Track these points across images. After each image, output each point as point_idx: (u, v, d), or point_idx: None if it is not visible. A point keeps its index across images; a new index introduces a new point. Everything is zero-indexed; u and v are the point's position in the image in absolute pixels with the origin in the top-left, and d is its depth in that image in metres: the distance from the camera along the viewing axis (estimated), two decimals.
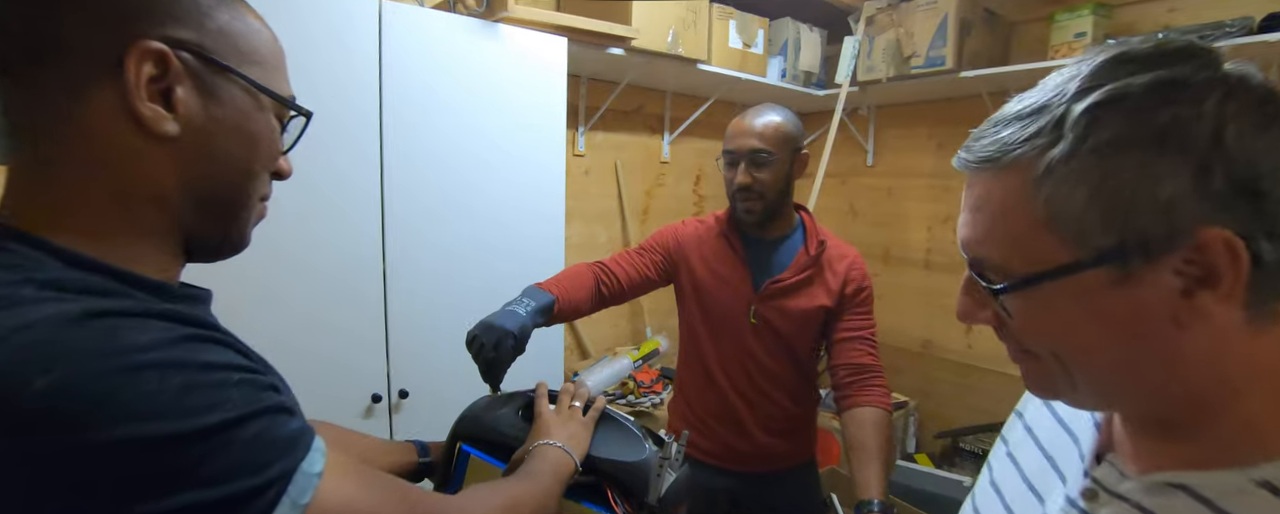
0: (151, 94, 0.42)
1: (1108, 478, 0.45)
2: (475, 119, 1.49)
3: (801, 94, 2.55)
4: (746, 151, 1.19)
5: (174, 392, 0.35)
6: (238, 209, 0.50)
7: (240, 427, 0.37)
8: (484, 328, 0.94)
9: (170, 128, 0.42)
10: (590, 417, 0.81)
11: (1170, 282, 0.36)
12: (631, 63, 2.00)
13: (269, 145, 0.50)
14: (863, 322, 1.26)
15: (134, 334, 0.36)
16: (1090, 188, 0.36)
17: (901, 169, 2.75)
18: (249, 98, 0.47)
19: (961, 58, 2.11)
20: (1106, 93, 0.35)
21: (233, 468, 0.36)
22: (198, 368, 0.37)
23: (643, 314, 2.59)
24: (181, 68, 0.42)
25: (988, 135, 0.41)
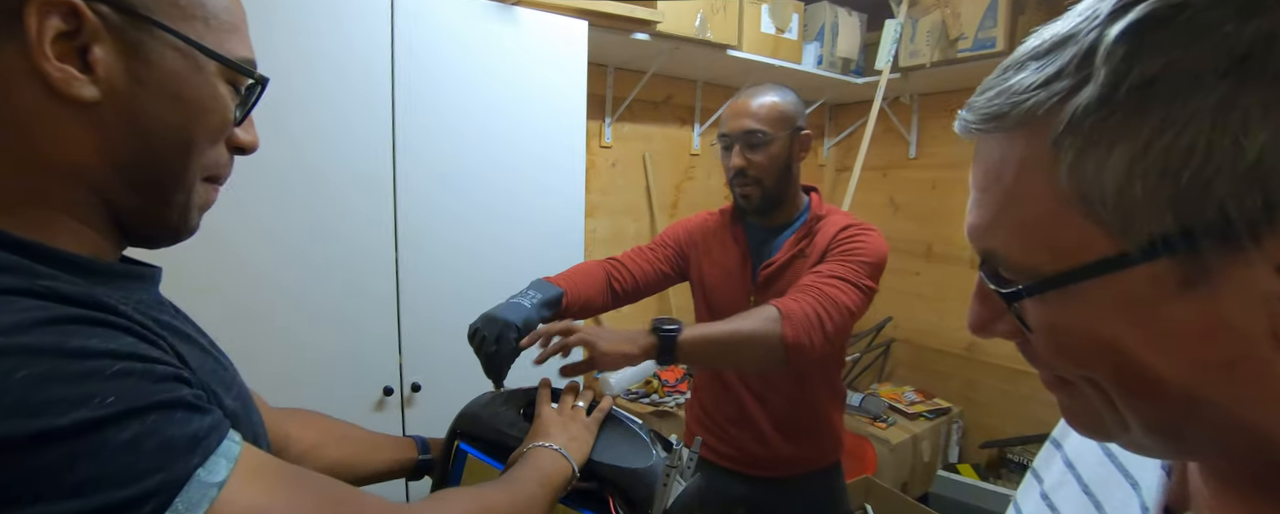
0: (63, 52, 0.36)
1: None
2: (491, 106, 1.45)
3: (839, 82, 2.44)
4: (740, 133, 1.12)
5: (21, 384, 0.29)
6: (173, 188, 0.43)
7: (112, 426, 0.31)
8: (486, 320, 0.89)
9: (85, 91, 0.37)
10: (594, 418, 0.76)
11: (1269, 280, 0.23)
12: (658, 49, 1.93)
13: (213, 115, 0.43)
14: (830, 266, 1.04)
15: None
16: (1134, 147, 0.24)
17: (947, 160, 2.60)
18: (185, 59, 0.41)
19: (1014, 39, 1.96)
20: (1156, 3, 0.24)
21: (97, 477, 0.30)
22: (64, 355, 0.31)
23: (670, 310, 2.52)
24: (98, 22, 0.37)
25: (994, 85, 0.30)
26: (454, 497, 0.52)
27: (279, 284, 1.22)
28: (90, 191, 0.40)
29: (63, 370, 0.31)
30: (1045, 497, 0.48)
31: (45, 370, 0.30)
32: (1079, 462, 0.47)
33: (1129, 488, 0.41)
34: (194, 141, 0.43)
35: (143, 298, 0.43)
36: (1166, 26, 0.24)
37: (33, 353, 0.30)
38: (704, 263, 1.25)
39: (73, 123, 0.37)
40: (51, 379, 0.30)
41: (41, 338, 0.31)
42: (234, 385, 0.45)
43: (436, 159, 1.38)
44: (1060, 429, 0.51)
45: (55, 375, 0.30)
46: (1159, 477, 0.38)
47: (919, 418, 2.29)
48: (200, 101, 0.42)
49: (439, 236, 1.41)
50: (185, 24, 0.40)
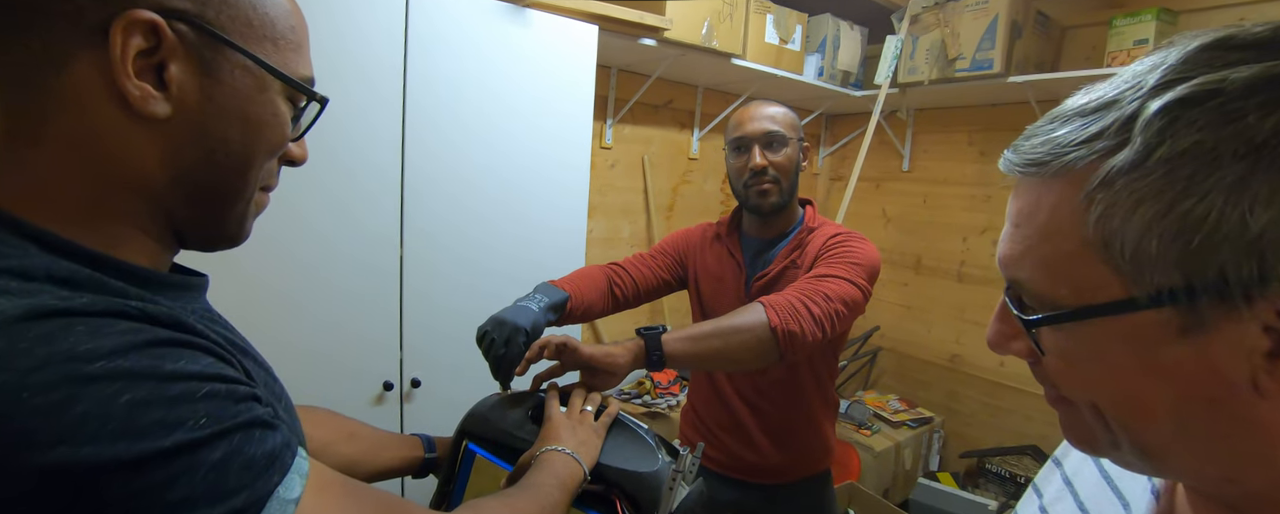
0: (141, 69, 0.37)
1: None
2: (500, 105, 1.46)
3: (838, 94, 2.47)
4: (760, 134, 1.14)
5: (126, 408, 0.30)
6: (232, 200, 0.45)
7: (206, 448, 0.32)
8: (495, 324, 0.90)
9: (159, 108, 0.38)
10: (602, 422, 0.77)
11: (1254, 337, 0.27)
12: (664, 54, 1.95)
13: (274, 131, 0.44)
14: (821, 268, 1.06)
15: (87, 338, 0.31)
16: (1156, 208, 0.27)
17: (939, 176, 2.65)
18: (254, 78, 0.42)
19: (1010, 62, 2.01)
20: (1193, 87, 0.27)
21: (194, 497, 0.31)
22: (159, 379, 0.32)
23: (663, 312, 2.54)
24: (176, 41, 0.38)
25: (1040, 133, 0.33)
26: (489, 506, 0.54)
27: (282, 277, 1.23)
28: (153, 203, 0.41)
29: (160, 394, 0.32)
30: (1043, 510, 0.51)
31: (145, 395, 0.31)
32: (1077, 480, 0.50)
33: (1120, 507, 0.44)
34: (254, 157, 0.44)
35: (197, 309, 0.44)
36: (1200, 107, 0.27)
37: (133, 377, 0.31)
38: (700, 273, 1.27)
39: (143, 137, 0.38)
40: (151, 403, 0.31)
41: (139, 362, 0.32)
42: (283, 397, 0.46)
43: (444, 156, 1.39)
44: (1062, 449, 0.54)
45: (154, 399, 0.31)
46: (1147, 498, 0.41)
47: (902, 426, 2.34)
48: (263, 119, 0.43)
49: (443, 233, 1.42)
50: (256, 44, 0.42)
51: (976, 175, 2.52)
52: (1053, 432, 2.27)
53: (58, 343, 0.30)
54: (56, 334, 0.30)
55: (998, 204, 2.46)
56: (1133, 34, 1.84)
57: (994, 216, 2.47)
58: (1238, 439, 0.30)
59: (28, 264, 0.34)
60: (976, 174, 2.52)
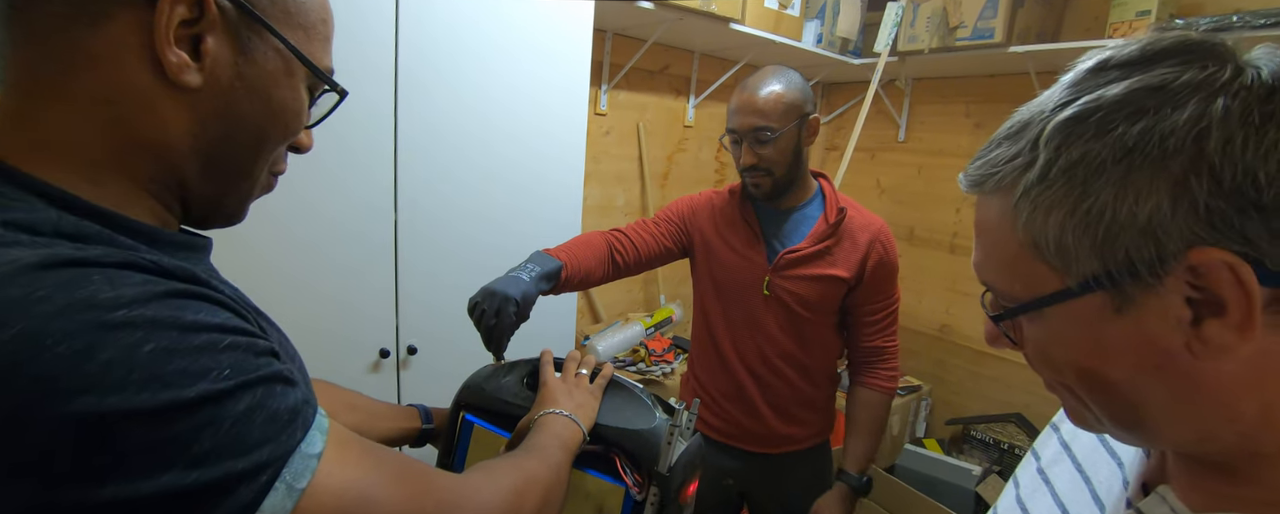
0: (180, 38, 0.37)
1: (1154, 511, 0.40)
2: (495, 72, 1.42)
3: (837, 62, 2.44)
4: (749, 130, 1.13)
5: (150, 357, 0.29)
6: (241, 179, 0.45)
7: (230, 399, 0.32)
8: (485, 294, 0.90)
9: (192, 79, 0.38)
10: (598, 384, 0.78)
11: (1178, 308, 0.31)
12: (661, 18, 1.91)
13: (293, 117, 0.45)
14: (885, 303, 1.23)
15: (107, 287, 0.30)
16: (1065, 211, 0.33)
17: (934, 147, 2.64)
18: (284, 62, 0.43)
19: (1012, 31, 1.99)
20: (1079, 107, 0.33)
21: (218, 449, 0.30)
22: (181, 329, 0.31)
23: (657, 281, 2.54)
24: (218, 16, 0.38)
25: (983, 156, 0.38)
26: (499, 467, 0.54)
27: (277, 246, 1.21)
28: (168, 169, 0.41)
29: (184, 344, 0.31)
30: (1041, 472, 0.54)
31: (169, 344, 0.30)
32: (1074, 442, 0.53)
33: (1115, 465, 0.47)
34: (270, 139, 0.45)
35: (204, 269, 0.44)
36: (1084, 122, 0.32)
37: (155, 326, 0.30)
38: (711, 241, 1.26)
39: (170, 103, 0.38)
40: (175, 352, 0.30)
41: (161, 311, 0.31)
42: (297, 358, 0.46)
43: (438, 121, 1.36)
44: (1060, 415, 0.57)
45: (178, 349, 0.31)
46: (1139, 456, 0.45)
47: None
48: (285, 103, 0.44)
49: (439, 200, 1.40)
50: (290, 30, 0.43)
51: (972, 147, 2.51)
52: (1035, 400, 2.33)
53: (77, 290, 0.29)
54: (75, 282, 0.30)
55: None
56: (1135, 5, 1.82)
57: None
58: (1193, 401, 0.34)
59: (35, 218, 0.33)
60: (972, 146, 2.51)
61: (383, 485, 0.38)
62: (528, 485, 0.53)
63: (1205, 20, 1.63)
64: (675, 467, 0.69)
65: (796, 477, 1.31)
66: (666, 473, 0.69)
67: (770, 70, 1.16)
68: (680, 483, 0.70)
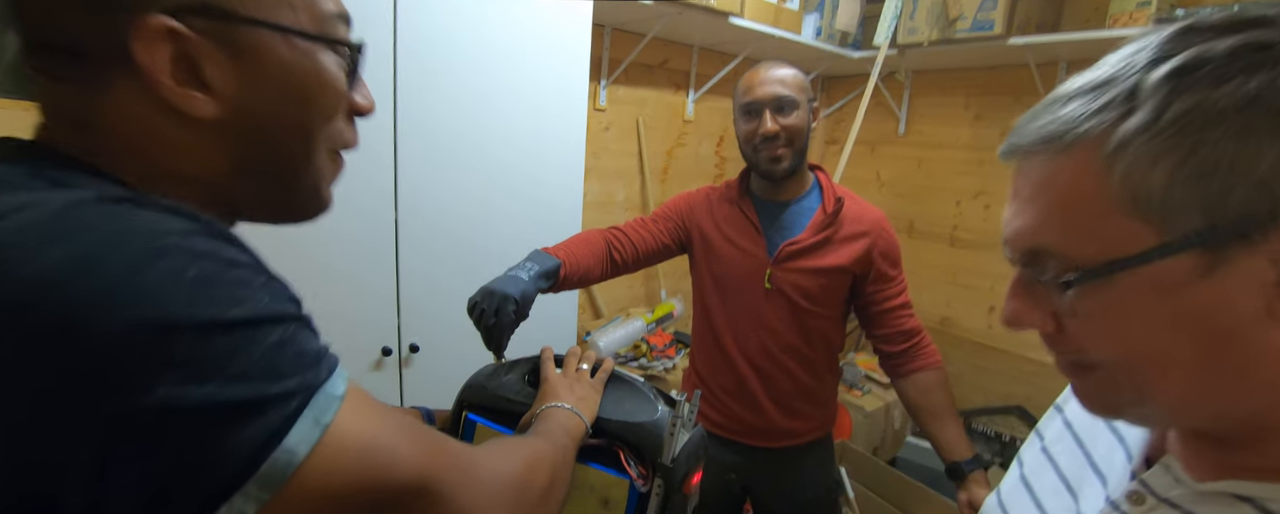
0: (178, 74, 0.37)
1: (1159, 482, 0.42)
2: (494, 68, 1.42)
3: (836, 55, 2.43)
4: (771, 98, 1.14)
5: (195, 279, 0.31)
6: (298, 171, 0.45)
7: (265, 327, 0.33)
8: (484, 294, 0.90)
9: (206, 108, 0.38)
10: (599, 379, 0.78)
11: (1264, 270, 0.31)
12: (660, 12, 1.90)
13: (324, 92, 0.44)
14: (898, 287, 1.23)
15: (153, 221, 0.32)
16: (1175, 162, 0.31)
17: (934, 140, 2.64)
18: (286, 46, 0.40)
19: (1012, 22, 1.98)
20: (1185, 59, 0.32)
21: (252, 370, 0.32)
22: (222, 262, 0.33)
23: (658, 276, 2.55)
24: (196, 36, 0.37)
25: (1044, 115, 0.37)
26: (510, 443, 0.54)
27: (278, 243, 1.21)
28: (210, 190, 0.41)
29: (223, 275, 0.33)
30: (1045, 450, 0.55)
31: (211, 272, 0.32)
32: (1076, 422, 0.53)
33: (1114, 440, 0.48)
34: (311, 123, 0.44)
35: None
36: (1194, 74, 0.32)
37: (198, 256, 0.32)
38: (710, 235, 1.26)
39: (197, 136, 0.39)
40: (215, 280, 0.32)
41: (202, 245, 0.33)
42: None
43: (438, 121, 1.36)
44: (1062, 398, 0.58)
45: (218, 278, 0.32)
46: (1142, 432, 0.46)
47: (892, 387, 2.39)
48: (309, 85, 0.42)
49: (439, 198, 1.40)
50: (279, 11, 0.40)
51: (972, 139, 2.51)
52: (1037, 392, 2.33)
53: (127, 220, 0.31)
54: (125, 213, 0.32)
55: (991, 169, 2.46)
56: None
57: (987, 181, 2.48)
58: (1250, 370, 0.34)
59: (80, 180, 0.35)
60: (972, 138, 2.51)
61: (400, 438, 0.38)
62: (538, 461, 0.53)
63: (1206, 11, 1.62)
64: (678, 458, 0.69)
65: (799, 470, 1.31)
66: (670, 464, 0.69)
67: (776, 60, 1.19)
68: (684, 474, 0.70)
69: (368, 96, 0.49)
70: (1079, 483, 0.49)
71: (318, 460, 0.33)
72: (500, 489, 0.45)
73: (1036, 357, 2.34)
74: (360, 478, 0.35)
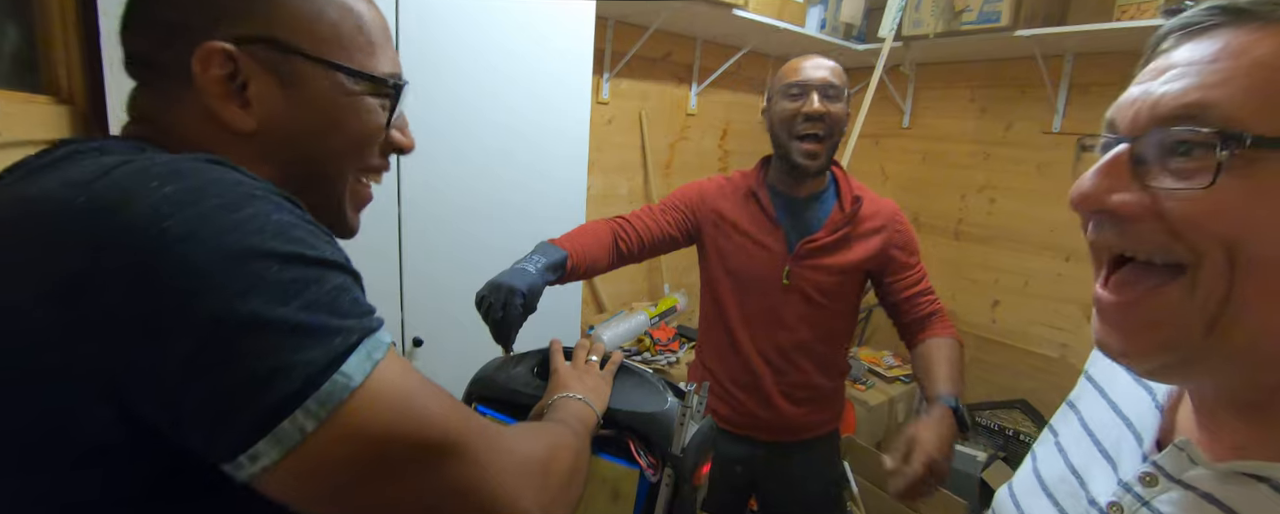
0: (229, 92, 0.44)
1: (1173, 464, 0.41)
2: (497, 61, 1.41)
3: (841, 47, 2.42)
4: (821, 82, 1.13)
5: (279, 222, 0.36)
6: (326, 193, 0.51)
7: (332, 271, 0.38)
8: (492, 287, 0.90)
9: (245, 123, 0.45)
10: (608, 370, 0.78)
11: None
12: (663, 5, 1.89)
13: (362, 126, 0.50)
14: (916, 275, 1.23)
15: (243, 176, 0.38)
16: None
17: (939, 133, 2.62)
18: (330, 80, 0.47)
19: (1018, 14, 1.96)
20: None
21: (321, 302, 0.36)
22: (296, 215, 0.38)
23: (661, 270, 2.54)
24: (251, 62, 0.44)
25: None
26: (535, 428, 0.55)
27: None
28: None
29: (299, 224, 0.38)
30: (1058, 445, 0.55)
31: (290, 220, 0.37)
32: (1090, 418, 0.53)
33: (1125, 428, 0.48)
34: (341, 151, 0.50)
35: None
36: None
37: (278, 206, 0.38)
38: (724, 229, 1.24)
39: (242, 147, 0.45)
40: (294, 226, 0.37)
41: (281, 201, 0.38)
42: None
43: (440, 115, 1.35)
44: (1075, 393, 0.58)
45: (296, 225, 0.37)
46: (1154, 416, 0.46)
47: (896, 381, 2.39)
48: (344, 116, 0.49)
49: (442, 192, 1.39)
50: (325, 49, 0.47)
51: (976, 132, 2.49)
52: (1040, 386, 2.33)
53: (223, 173, 0.37)
54: (221, 170, 0.38)
55: (996, 162, 2.45)
56: None
57: (992, 174, 2.46)
58: None
59: None
60: (976, 131, 2.49)
61: (436, 399, 0.41)
62: (563, 446, 0.53)
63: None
64: (688, 448, 0.69)
65: (806, 465, 1.31)
66: (680, 454, 0.69)
67: None
68: (693, 464, 0.70)
69: (407, 134, 0.55)
70: (1087, 470, 0.49)
71: (366, 395, 0.36)
72: (526, 466, 0.46)
73: (1039, 351, 2.33)
74: (399, 424, 0.38)
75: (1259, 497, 0.36)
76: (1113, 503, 0.44)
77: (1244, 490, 0.37)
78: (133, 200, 0.34)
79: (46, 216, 0.34)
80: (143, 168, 0.35)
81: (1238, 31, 0.35)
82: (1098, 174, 0.38)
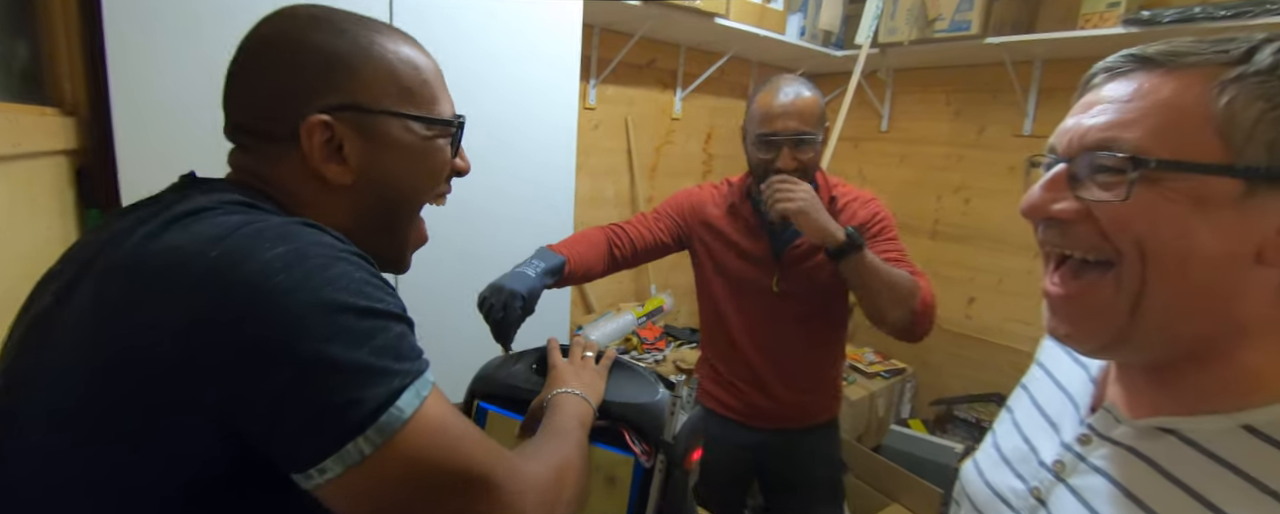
0: (328, 153, 0.53)
1: (1102, 424, 0.50)
2: (487, 69, 1.45)
3: (819, 54, 2.49)
4: (792, 134, 1.11)
5: (359, 279, 0.45)
6: (395, 231, 0.60)
7: (394, 322, 0.45)
8: (493, 290, 0.95)
9: (344, 178, 0.54)
10: (603, 365, 0.82)
11: (1275, 216, 0.39)
12: (647, 14, 1.94)
13: (434, 162, 0.60)
14: (889, 246, 1.20)
15: (334, 239, 0.47)
16: (1268, 106, 0.39)
17: (915, 136, 2.70)
18: (403, 128, 0.56)
19: (988, 23, 2.05)
20: (1264, 45, 0.40)
21: (386, 349, 0.44)
22: (370, 273, 0.46)
23: (648, 272, 2.59)
24: (345, 127, 0.53)
25: (1161, 44, 0.43)
26: (542, 450, 0.60)
27: None
28: None
29: (372, 281, 0.46)
30: (1016, 424, 0.62)
31: (367, 277, 0.45)
32: (1038, 394, 0.62)
33: (1067, 400, 0.57)
34: (421, 189, 0.60)
35: None
36: None
37: (358, 266, 0.46)
38: (714, 240, 1.30)
39: (333, 198, 0.55)
40: (370, 283, 0.45)
41: (360, 261, 0.46)
42: None
43: None
44: (1027, 376, 0.66)
45: (371, 282, 0.45)
46: (1088, 387, 0.55)
47: (877, 377, 2.46)
48: (422, 158, 0.58)
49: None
50: (399, 103, 0.55)
51: (951, 135, 2.58)
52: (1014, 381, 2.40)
53: (320, 235, 0.46)
54: (318, 233, 0.46)
55: (970, 163, 2.53)
56: None
57: (967, 175, 2.55)
58: (1219, 300, 0.41)
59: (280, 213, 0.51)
60: (952, 134, 2.58)
61: (469, 434, 0.49)
62: (567, 467, 0.59)
63: (1170, 12, 1.70)
64: (679, 435, 0.74)
65: (810, 450, 1.37)
66: (672, 441, 0.74)
67: (791, 78, 1.16)
68: (684, 450, 0.74)
69: (465, 159, 0.65)
70: (1037, 438, 0.57)
71: (413, 426, 0.44)
72: (539, 488, 0.53)
73: (1013, 346, 2.41)
74: (438, 454, 0.45)
75: (1169, 446, 0.45)
76: (1057, 461, 0.52)
77: (1157, 442, 0.45)
78: (251, 257, 0.42)
79: (186, 266, 0.42)
80: (259, 230, 0.44)
81: (1148, 75, 0.43)
82: (1043, 188, 0.47)
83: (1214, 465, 0.42)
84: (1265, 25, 1.59)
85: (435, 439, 0.45)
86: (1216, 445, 0.43)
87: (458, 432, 0.47)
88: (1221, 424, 0.43)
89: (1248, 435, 0.42)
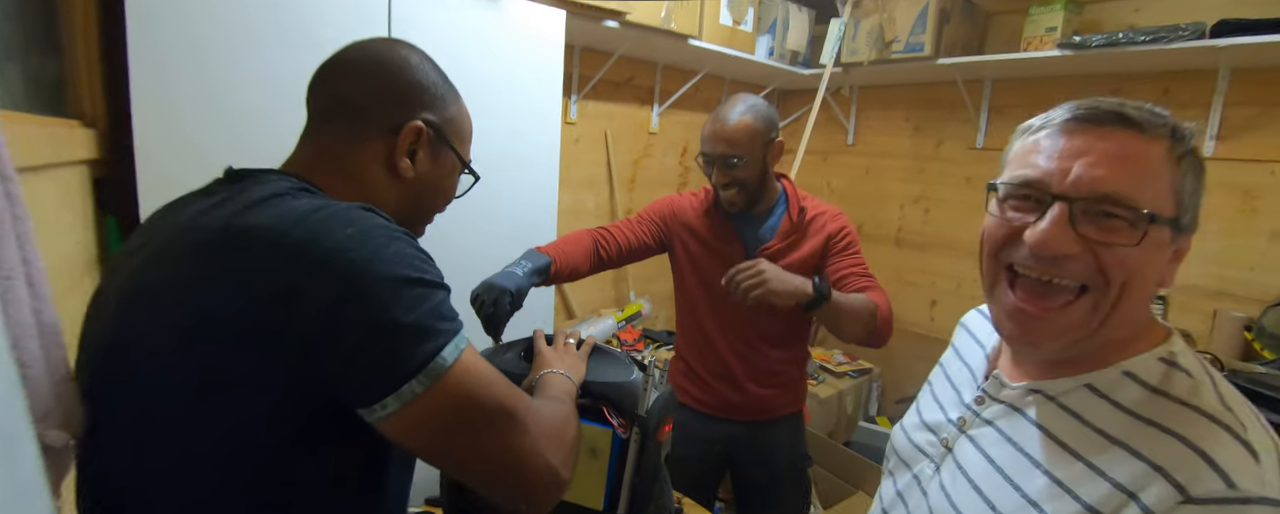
0: (406, 151, 0.67)
1: (992, 388, 0.64)
2: (475, 89, 1.55)
3: (787, 72, 2.64)
4: (719, 157, 1.28)
5: (412, 255, 0.55)
6: (417, 225, 0.75)
7: (439, 290, 0.56)
8: (485, 287, 1.06)
9: (409, 173, 0.68)
10: (583, 350, 0.92)
11: (1167, 249, 0.53)
12: (625, 35, 2.07)
13: (453, 187, 0.78)
14: (852, 261, 1.34)
15: (388, 222, 0.57)
16: (1196, 177, 0.53)
17: (880, 149, 2.87)
18: (452, 163, 0.73)
19: (940, 45, 2.21)
20: (1187, 129, 0.53)
21: (433, 312, 0.54)
22: (419, 249, 0.57)
23: (627, 279, 2.70)
24: (427, 138, 0.68)
25: (1132, 106, 0.53)
26: (551, 405, 0.71)
27: None
28: None
29: (422, 256, 0.57)
30: (933, 395, 0.76)
31: (418, 253, 0.56)
32: (950, 370, 0.75)
33: (966, 370, 0.71)
34: (436, 205, 0.77)
35: None
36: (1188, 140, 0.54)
37: (411, 243, 0.57)
38: (691, 243, 1.41)
39: (391, 185, 0.68)
40: (421, 257, 0.56)
41: (412, 239, 0.57)
42: None
43: None
44: (943, 357, 0.79)
45: (421, 257, 0.56)
46: (982, 360, 0.70)
47: (845, 376, 2.59)
48: (450, 183, 0.76)
49: None
50: (457, 142, 0.73)
51: (912, 148, 2.74)
52: None
53: (378, 218, 0.56)
54: (376, 216, 0.57)
55: (929, 176, 2.69)
56: (1044, 22, 2.06)
57: (926, 187, 2.71)
58: (1144, 313, 0.56)
59: None
60: (912, 147, 2.74)
61: (497, 378, 0.59)
62: (568, 419, 0.71)
63: (1098, 37, 1.87)
64: (651, 410, 0.84)
65: (775, 440, 1.48)
66: (645, 415, 0.84)
67: (740, 99, 1.30)
68: (657, 422, 0.85)
69: (463, 189, 0.81)
70: (948, 403, 0.71)
71: (455, 371, 0.54)
72: (552, 432, 0.64)
73: None
74: (473, 393, 0.56)
75: (1037, 401, 0.59)
76: (960, 418, 0.66)
77: (1028, 399, 0.60)
78: (327, 236, 0.51)
79: (270, 242, 0.51)
80: (333, 213, 0.54)
81: (1133, 137, 0.52)
82: (1050, 226, 0.53)
83: (1064, 414, 0.56)
84: (1180, 50, 1.77)
85: (470, 381, 0.55)
86: (1067, 399, 0.57)
87: (488, 377, 0.58)
88: (1069, 384, 0.57)
89: (1088, 392, 0.56)
